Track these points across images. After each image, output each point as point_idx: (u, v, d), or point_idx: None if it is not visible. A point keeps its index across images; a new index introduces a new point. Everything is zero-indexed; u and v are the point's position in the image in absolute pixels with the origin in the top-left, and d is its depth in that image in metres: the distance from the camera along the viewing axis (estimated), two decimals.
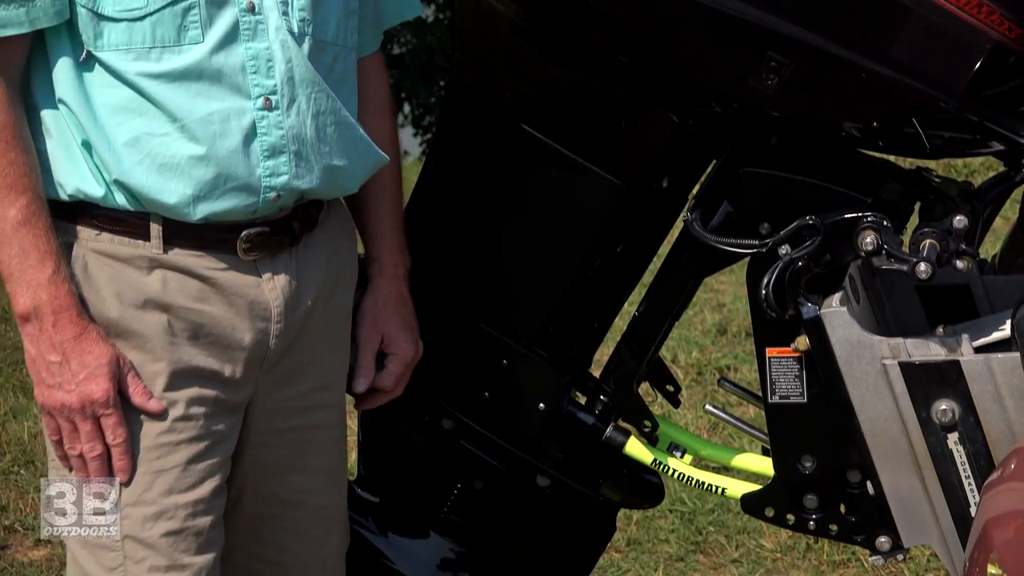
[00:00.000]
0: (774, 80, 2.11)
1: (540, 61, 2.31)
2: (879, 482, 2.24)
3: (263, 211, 2.07)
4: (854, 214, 2.17)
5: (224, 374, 2.10)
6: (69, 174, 2.02)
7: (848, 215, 2.17)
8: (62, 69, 2.00)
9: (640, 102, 2.29)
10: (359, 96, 2.21)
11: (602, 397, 2.45)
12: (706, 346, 5.27)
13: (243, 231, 2.07)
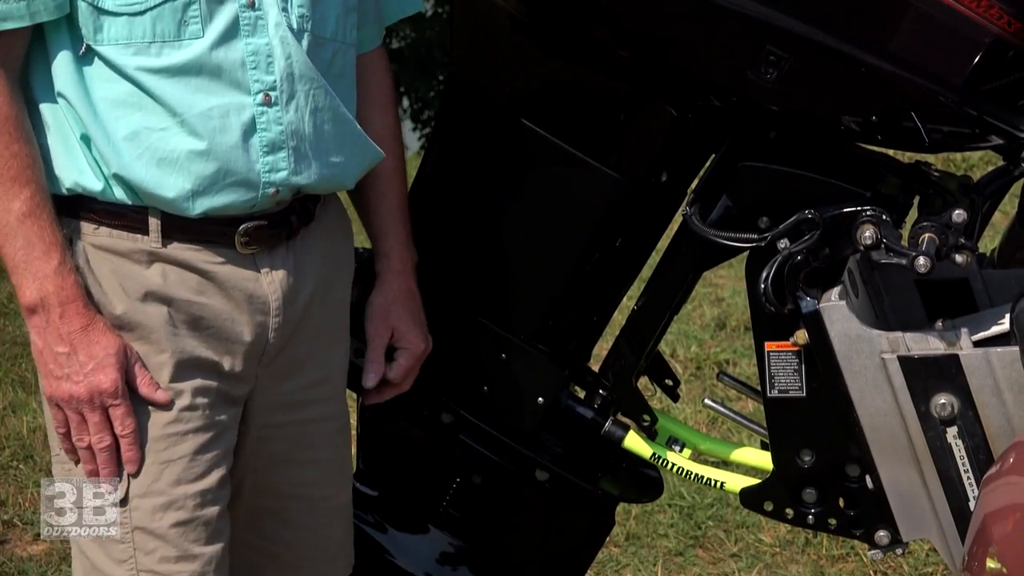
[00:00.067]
0: (773, 74, 2.11)
1: (538, 55, 2.31)
2: (878, 476, 2.24)
3: (261, 205, 2.07)
4: (853, 208, 2.17)
5: (224, 367, 2.10)
6: (67, 168, 2.02)
7: (847, 209, 2.17)
8: (61, 63, 1.99)
9: (639, 96, 2.29)
10: (362, 92, 2.21)
11: (601, 391, 2.45)
12: (705, 340, 5.27)
13: (241, 225, 2.07)
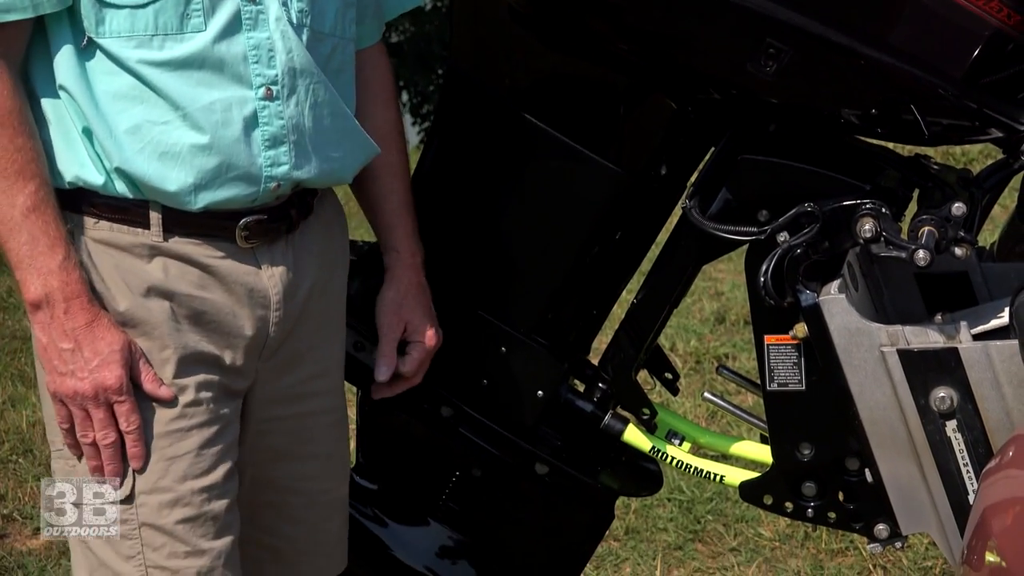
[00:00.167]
0: (772, 67, 2.11)
1: (538, 48, 2.31)
2: (877, 470, 2.24)
3: (262, 200, 2.07)
4: (852, 201, 2.17)
5: (226, 361, 2.10)
6: (68, 162, 2.01)
7: (846, 202, 2.17)
8: (63, 56, 1.99)
9: (638, 89, 2.29)
10: (363, 87, 2.21)
11: (600, 385, 2.45)
12: (704, 334, 5.27)
13: (241, 219, 2.07)
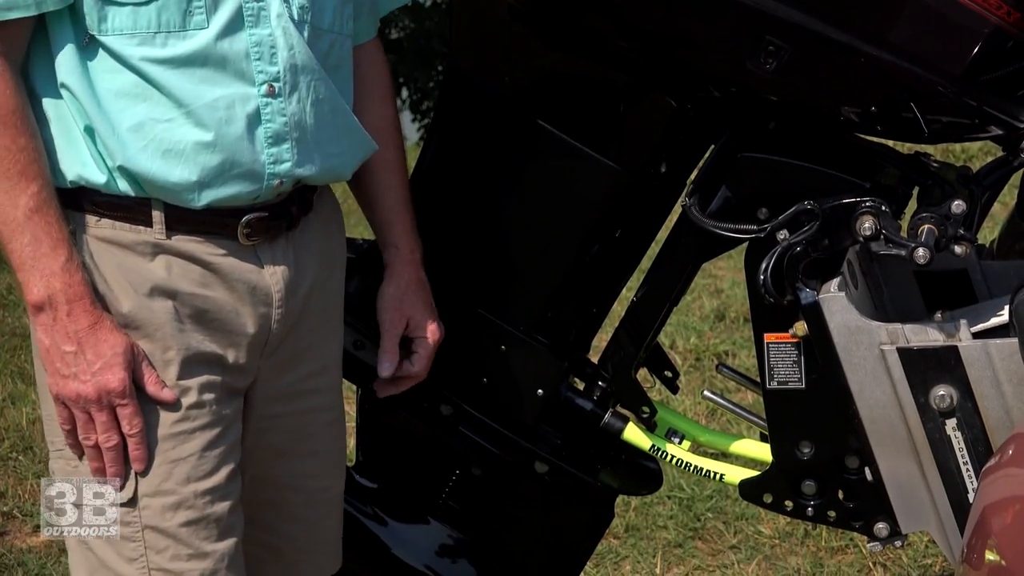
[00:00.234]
0: (772, 64, 2.11)
1: (538, 46, 2.31)
2: (877, 468, 2.23)
3: (264, 197, 2.07)
4: (852, 199, 2.16)
5: (228, 360, 2.09)
6: (70, 160, 2.01)
7: (846, 200, 2.17)
8: (64, 54, 1.98)
9: (638, 87, 2.29)
10: (360, 84, 2.21)
11: (600, 383, 2.45)
12: (704, 332, 5.26)
13: (243, 216, 2.07)
